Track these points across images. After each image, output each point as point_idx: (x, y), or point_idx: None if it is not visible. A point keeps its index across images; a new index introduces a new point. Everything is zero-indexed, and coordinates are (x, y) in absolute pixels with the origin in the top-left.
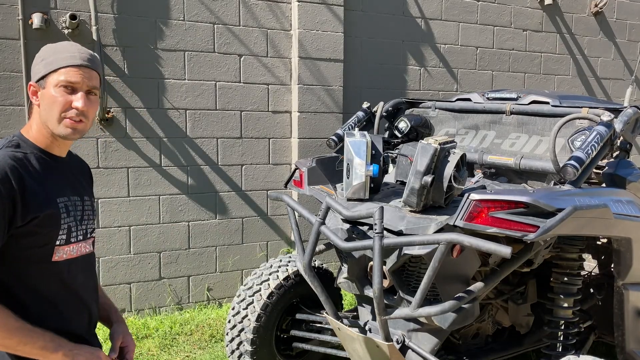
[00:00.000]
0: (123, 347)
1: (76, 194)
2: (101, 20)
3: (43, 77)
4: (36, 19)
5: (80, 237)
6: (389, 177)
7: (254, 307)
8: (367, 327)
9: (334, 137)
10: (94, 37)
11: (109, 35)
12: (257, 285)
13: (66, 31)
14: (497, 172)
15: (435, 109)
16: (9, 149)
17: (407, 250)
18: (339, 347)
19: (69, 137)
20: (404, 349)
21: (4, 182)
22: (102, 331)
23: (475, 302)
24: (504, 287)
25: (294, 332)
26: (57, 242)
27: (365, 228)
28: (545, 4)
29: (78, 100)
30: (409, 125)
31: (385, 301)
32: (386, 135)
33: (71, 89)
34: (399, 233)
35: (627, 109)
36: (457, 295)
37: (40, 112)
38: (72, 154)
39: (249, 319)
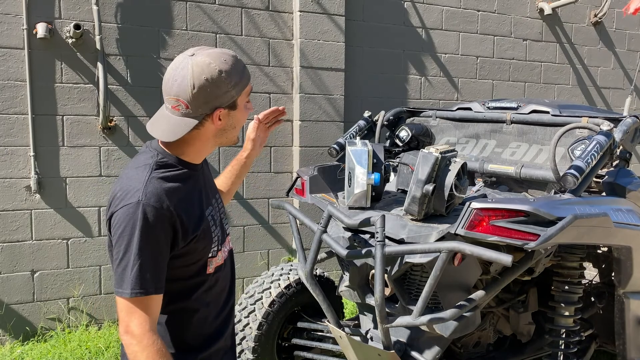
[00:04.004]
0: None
1: (213, 197)
2: (105, 30)
3: (234, 100)
4: (40, 29)
5: (222, 242)
6: (390, 186)
7: (256, 315)
8: (368, 336)
9: (335, 146)
10: (98, 46)
11: (112, 44)
12: (258, 293)
13: (70, 40)
14: (498, 181)
15: (436, 118)
16: (159, 172)
17: (409, 259)
18: (341, 355)
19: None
20: (405, 357)
21: (164, 209)
22: None
23: (477, 310)
24: (505, 296)
25: (295, 341)
26: (210, 255)
27: (366, 236)
28: (545, 14)
29: (252, 108)
30: (410, 134)
31: (386, 309)
32: (387, 144)
33: None
34: (401, 241)
35: (626, 118)
36: (459, 303)
37: (222, 132)
38: None
39: (250, 327)
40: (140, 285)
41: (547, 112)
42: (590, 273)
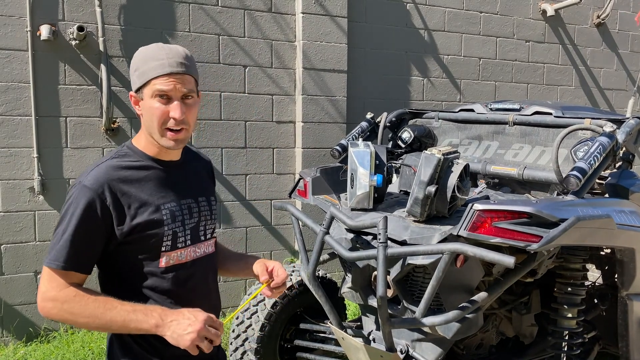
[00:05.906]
0: (271, 271)
1: (189, 197)
2: (108, 32)
3: (139, 88)
4: (44, 31)
5: (190, 242)
6: (393, 187)
7: (258, 316)
8: (371, 337)
9: (338, 147)
10: (101, 48)
11: (116, 46)
12: (261, 294)
13: (74, 42)
14: (501, 183)
15: (439, 119)
16: (114, 160)
17: (411, 260)
18: (343, 356)
19: (172, 148)
20: (408, 358)
21: (98, 192)
22: None
23: (479, 312)
24: (508, 297)
25: (297, 342)
26: (163, 249)
27: (369, 238)
28: (547, 15)
29: (174, 110)
30: (413, 136)
31: (389, 311)
32: (390, 145)
33: (166, 98)
34: (403, 243)
35: (629, 120)
36: (461, 305)
37: (144, 122)
38: (191, 153)
39: (252, 329)
40: (59, 259)
41: (550, 114)
42: (593, 275)
